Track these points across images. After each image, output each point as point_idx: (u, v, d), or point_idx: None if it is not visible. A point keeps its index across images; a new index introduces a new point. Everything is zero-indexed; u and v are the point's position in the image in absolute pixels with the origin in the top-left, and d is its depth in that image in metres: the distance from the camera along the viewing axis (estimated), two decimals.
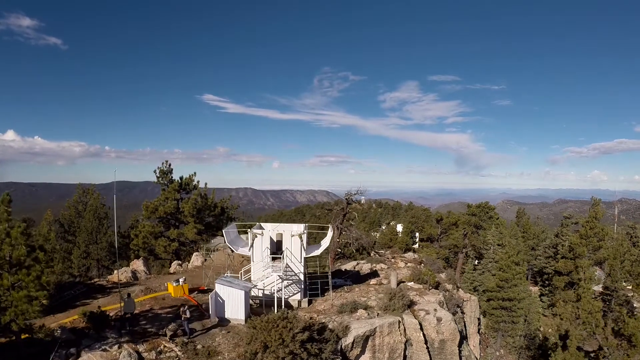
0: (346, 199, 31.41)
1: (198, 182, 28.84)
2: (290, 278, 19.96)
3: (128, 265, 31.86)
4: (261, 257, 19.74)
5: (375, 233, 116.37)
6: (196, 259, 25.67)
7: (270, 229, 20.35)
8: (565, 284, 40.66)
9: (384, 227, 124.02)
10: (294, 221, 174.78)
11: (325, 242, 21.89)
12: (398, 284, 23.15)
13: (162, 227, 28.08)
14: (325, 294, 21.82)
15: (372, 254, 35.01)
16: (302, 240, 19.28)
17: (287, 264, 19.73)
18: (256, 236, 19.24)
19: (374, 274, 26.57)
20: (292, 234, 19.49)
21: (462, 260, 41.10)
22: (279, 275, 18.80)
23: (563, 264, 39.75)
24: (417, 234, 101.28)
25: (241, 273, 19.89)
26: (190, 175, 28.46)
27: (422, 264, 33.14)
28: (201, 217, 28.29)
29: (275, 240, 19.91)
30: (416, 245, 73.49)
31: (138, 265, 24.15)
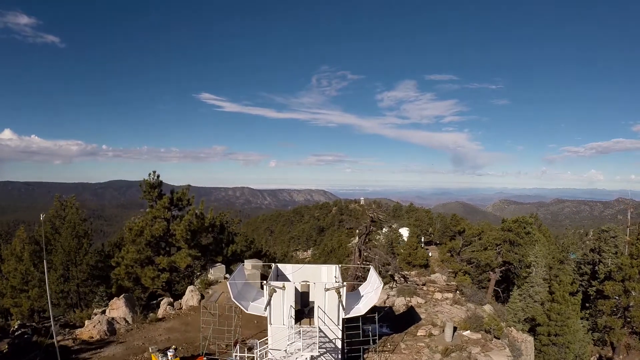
0: (370, 216, 26.39)
1: (192, 197, 23.65)
2: (324, 346, 14.33)
3: (110, 298, 26.66)
4: (282, 320, 14.04)
5: (378, 236, 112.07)
6: (191, 297, 20.60)
7: (292, 273, 15.25)
8: (612, 308, 35.96)
9: (385, 230, 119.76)
10: (292, 222, 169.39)
11: (370, 293, 15.30)
12: (452, 333, 18.17)
13: (150, 251, 22.89)
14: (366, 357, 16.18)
15: (397, 278, 29.97)
16: (340, 297, 13.84)
17: (319, 327, 14.05)
18: (275, 291, 13.52)
19: (413, 315, 21.54)
20: (326, 287, 13.78)
21: (494, 282, 36.27)
22: (311, 356, 13.24)
23: (611, 286, 34.90)
24: (422, 238, 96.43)
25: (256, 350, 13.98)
26: (183, 190, 23.28)
27: (459, 292, 28.19)
28: (197, 240, 23.17)
29: (300, 290, 14.50)
30: (429, 252, 68.94)
31: (118, 307, 19.05)
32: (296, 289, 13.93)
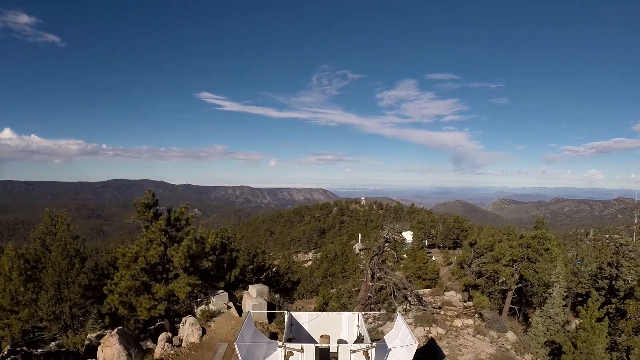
0: (385, 237, 24.54)
1: (191, 215, 21.61)
2: None
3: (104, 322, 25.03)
4: None
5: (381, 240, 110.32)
6: (192, 331, 18.76)
7: (307, 322, 13.14)
8: (634, 328, 34.21)
9: (387, 232, 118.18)
10: (292, 223, 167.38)
11: (399, 348, 12.55)
12: None
13: (145, 277, 20.96)
14: None
15: (410, 299, 28.14)
16: (368, 358, 11.32)
17: None
18: (292, 354, 11.06)
19: (435, 350, 19.66)
20: (352, 348, 11.43)
21: (510, 299, 34.43)
22: None
23: (635, 307, 33.09)
24: (425, 241, 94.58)
25: None
26: (181, 208, 21.25)
27: (478, 315, 26.38)
28: (196, 266, 21.26)
29: (320, 347, 12.20)
30: (432, 256, 67.19)
31: (111, 344, 17.19)
32: (316, 348, 11.75)
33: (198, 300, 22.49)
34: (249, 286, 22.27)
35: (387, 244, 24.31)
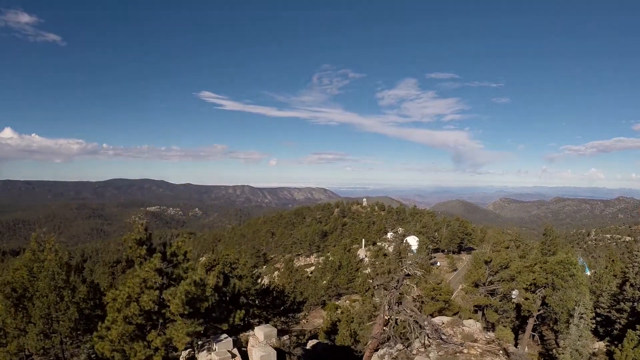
0: (406, 271, 22.36)
1: (190, 250, 19.41)
2: None
3: None
4: None
5: (383, 243, 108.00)
6: None
7: None
8: None
9: (390, 236, 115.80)
10: (293, 225, 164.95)
11: None
12: None
13: (140, 319, 18.86)
14: None
15: (429, 332, 25.96)
16: None
17: None
18: None
19: None
20: None
21: (532, 326, 32.43)
22: None
23: None
24: (430, 246, 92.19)
25: None
26: (178, 242, 19.04)
27: (504, 352, 24.27)
28: (196, 308, 19.18)
29: None
30: (438, 262, 64.23)
31: None
32: None
33: (199, 343, 20.40)
34: (255, 328, 20.20)
35: (406, 277, 22.19)
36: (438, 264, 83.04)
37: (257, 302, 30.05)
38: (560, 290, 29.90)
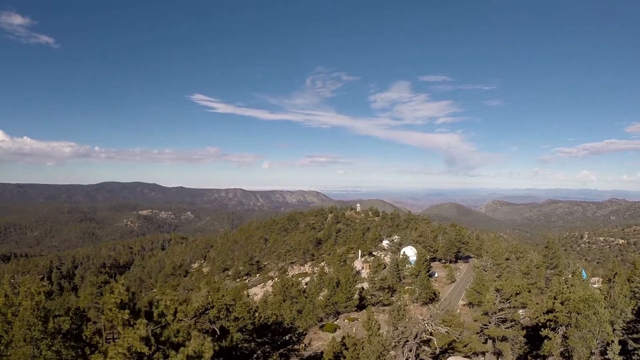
0: (429, 329, 20.27)
1: (181, 308, 16.95)
2: None
3: None
4: None
5: (379, 253, 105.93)
6: None
7: None
8: None
9: (385, 243, 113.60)
10: (287, 231, 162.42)
11: None
12: None
13: None
14: None
15: None
16: None
17: None
18: None
19: None
20: None
21: None
22: None
23: None
24: (427, 257, 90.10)
25: None
26: (165, 301, 16.60)
27: None
28: None
29: None
30: (435, 273, 62.23)
31: None
32: None
33: None
34: None
35: (425, 332, 20.07)
36: (436, 275, 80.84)
37: (253, 343, 27.63)
38: (584, 329, 28.11)
